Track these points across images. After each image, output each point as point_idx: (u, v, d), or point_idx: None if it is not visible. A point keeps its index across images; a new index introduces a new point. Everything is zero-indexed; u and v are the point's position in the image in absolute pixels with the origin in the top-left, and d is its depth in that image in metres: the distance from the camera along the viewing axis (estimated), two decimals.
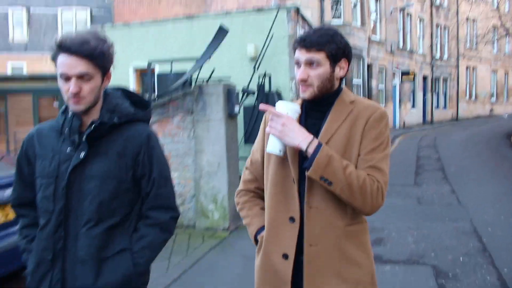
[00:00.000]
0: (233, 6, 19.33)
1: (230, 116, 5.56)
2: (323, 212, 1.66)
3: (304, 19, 10.04)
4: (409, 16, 24.58)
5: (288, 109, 1.63)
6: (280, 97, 8.75)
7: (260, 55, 8.89)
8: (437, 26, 27.76)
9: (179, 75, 6.87)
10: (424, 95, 26.56)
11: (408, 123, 23.83)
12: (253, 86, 8.63)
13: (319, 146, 1.60)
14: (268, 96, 8.67)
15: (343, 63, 1.72)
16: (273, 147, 1.64)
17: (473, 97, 32.18)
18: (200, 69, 6.45)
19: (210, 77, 6.19)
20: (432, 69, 27.08)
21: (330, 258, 1.66)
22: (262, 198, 1.90)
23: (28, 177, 1.73)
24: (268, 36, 8.81)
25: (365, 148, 1.66)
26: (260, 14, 9.36)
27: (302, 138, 1.60)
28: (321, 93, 1.71)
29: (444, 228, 5.52)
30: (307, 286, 1.67)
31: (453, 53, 29.38)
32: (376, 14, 21.37)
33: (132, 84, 10.44)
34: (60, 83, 1.57)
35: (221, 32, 6.57)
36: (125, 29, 10.76)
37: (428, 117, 26.83)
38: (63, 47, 1.52)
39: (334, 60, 1.69)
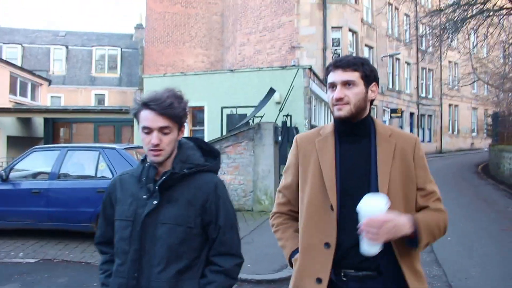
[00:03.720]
0: (249, 52, 23.16)
1: (276, 142, 9.18)
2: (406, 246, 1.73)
3: (315, 75, 13.78)
4: (397, 61, 28.57)
5: (380, 207, 1.62)
6: (297, 131, 12.31)
7: (283, 100, 12.54)
8: (422, 69, 31.73)
9: (241, 115, 10.50)
10: (411, 129, 30.24)
11: None
12: (278, 122, 12.25)
13: (416, 224, 1.66)
14: (289, 130, 12.25)
15: (374, 86, 1.83)
16: (375, 249, 1.66)
17: (456, 131, 35.96)
18: (255, 114, 10.12)
19: (261, 118, 9.82)
20: (418, 107, 30.92)
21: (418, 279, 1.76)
22: (296, 220, 1.94)
23: (110, 217, 1.86)
24: (290, 87, 12.49)
25: (424, 181, 1.80)
26: (284, 71, 13.09)
27: (408, 227, 1.65)
28: (357, 112, 1.78)
29: None
30: None
31: (437, 93, 33.31)
32: (369, 61, 25.26)
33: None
34: (142, 136, 1.72)
35: (271, 91, 10.25)
36: (182, 77, 14.44)
37: None
38: (148, 106, 1.68)
39: (367, 81, 1.79)
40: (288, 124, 12.52)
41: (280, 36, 21.89)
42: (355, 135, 1.83)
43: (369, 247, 1.64)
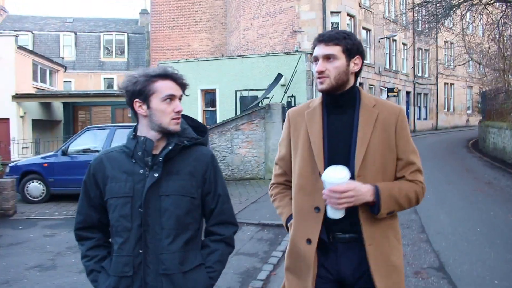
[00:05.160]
0: (253, 36, 24.41)
1: (283, 120, 10.64)
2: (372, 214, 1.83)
3: None
4: (394, 42, 29.79)
5: (342, 178, 1.74)
6: None
7: (288, 83, 13.96)
8: (418, 49, 32.95)
9: (253, 97, 11.96)
10: (408, 108, 31.64)
11: None
12: (284, 103, 13.68)
13: (377, 192, 1.77)
14: None
15: (357, 59, 1.89)
16: (339, 214, 1.79)
17: (451, 109, 37.36)
18: (265, 96, 11.57)
19: (270, 99, 11.26)
20: (414, 86, 32.27)
21: (384, 249, 1.84)
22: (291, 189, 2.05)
23: (95, 199, 1.82)
24: (293, 71, 13.89)
25: (403, 151, 1.88)
26: (288, 56, 14.47)
27: (369, 195, 1.76)
28: (337, 85, 1.86)
29: None
30: (376, 278, 1.81)
31: (433, 72, 34.63)
32: (367, 43, 26.53)
33: (199, 100, 15.46)
34: (163, 106, 1.74)
35: (279, 76, 11.67)
36: (195, 62, 15.83)
37: (411, 127, 31.85)
38: (170, 77, 1.78)
39: (349, 55, 1.86)
40: (293, 104, 13.94)
41: (282, 21, 23.08)
42: (340, 106, 1.92)
43: (333, 213, 1.79)
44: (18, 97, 17.45)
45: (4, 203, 7.62)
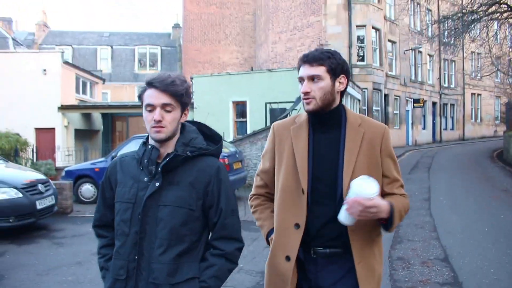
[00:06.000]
0: (281, 49, 25.37)
1: None
2: (362, 231, 1.89)
3: None
4: (420, 54, 30.21)
5: (372, 193, 1.73)
6: None
7: None
8: (444, 60, 33.18)
9: (281, 109, 12.85)
10: (434, 118, 31.91)
11: (419, 141, 29.19)
12: None
13: (392, 209, 1.81)
14: None
15: (342, 78, 1.91)
16: (350, 221, 1.80)
17: (479, 119, 37.27)
18: (294, 108, 12.44)
19: (298, 111, 12.11)
20: (440, 97, 32.51)
21: (371, 266, 1.90)
22: (273, 201, 2.07)
23: (109, 200, 1.87)
24: None
25: (388, 169, 1.94)
26: None
27: (385, 213, 1.79)
28: (323, 105, 1.87)
29: (411, 191, 11.18)
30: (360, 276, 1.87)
31: (459, 83, 34.77)
32: (392, 54, 27.10)
33: (231, 111, 16.44)
34: (145, 114, 1.74)
35: None
36: (227, 76, 16.84)
37: (438, 137, 32.13)
38: (152, 84, 1.72)
39: (334, 74, 1.88)
40: None
41: (309, 35, 23.99)
42: (326, 125, 1.93)
43: (346, 219, 1.79)
44: (63, 108, 18.82)
45: (63, 203, 8.69)
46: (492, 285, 4.61)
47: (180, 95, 1.74)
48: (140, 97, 1.77)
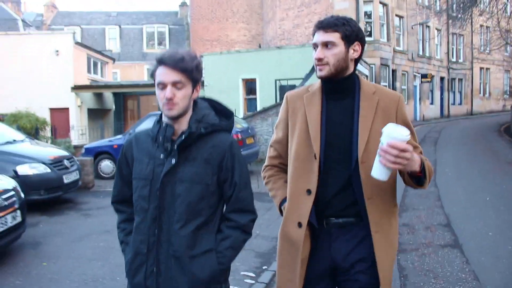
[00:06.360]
0: (289, 26, 25.45)
1: None
2: (379, 202, 1.87)
3: None
4: (428, 28, 30.09)
5: (404, 136, 1.63)
6: None
7: None
8: (453, 34, 32.93)
9: (291, 86, 13.15)
10: (442, 93, 31.91)
11: (427, 116, 29.31)
12: None
13: (423, 163, 1.77)
14: None
15: (356, 45, 1.87)
16: (384, 175, 1.71)
17: (487, 94, 37.13)
18: (303, 84, 12.72)
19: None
20: (448, 71, 32.45)
21: (389, 237, 1.91)
22: (286, 172, 2.06)
23: (126, 176, 1.93)
24: None
25: None
26: None
27: (417, 164, 1.73)
28: (336, 72, 1.85)
29: None
30: (379, 261, 1.86)
31: (468, 57, 34.61)
32: (400, 29, 27.07)
33: (240, 89, 16.75)
34: (157, 92, 1.76)
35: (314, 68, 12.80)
36: (236, 54, 17.11)
37: (445, 112, 32.19)
38: (162, 61, 1.74)
39: (348, 41, 1.84)
40: None
41: (317, 11, 23.98)
42: (340, 92, 1.92)
43: (380, 172, 1.70)
44: (76, 88, 19.23)
45: (85, 178, 9.15)
46: (490, 246, 5.01)
47: (190, 71, 1.76)
48: (152, 75, 1.79)
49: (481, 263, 4.49)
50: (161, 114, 1.86)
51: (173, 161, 1.78)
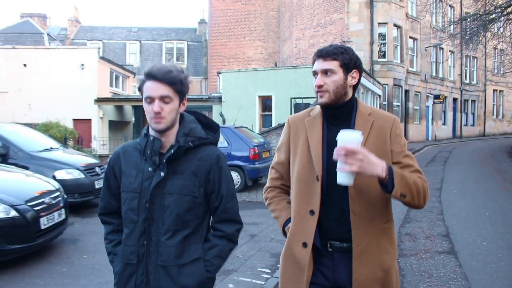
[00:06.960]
0: (304, 45, 26.21)
1: None
2: (366, 217, 1.88)
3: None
4: (441, 50, 30.61)
5: (354, 138, 1.71)
6: None
7: None
8: (466, 57, 33.41)
9: (306, 104, 13.84)
10: (454, 114, 32.30)
11: (439, 137, 29.71)
12: None
13: (390, 169, 1.77)
14: None
15: (354, 73, 1.95)
16: (347, 179, 1.74)
17: (500, 116, 37.38)
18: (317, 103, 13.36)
19: None
20: (461, 93, 32.86)
21: (372, 254, 1.89)
22: (288, 193, 2.14)
23: (114, 189, 1.96)
24: None
25: (398, 155, 1.92)
26: None
27: (380, 169, 1.74)
28: (336, 98, 1.92)
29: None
30: (355, 276, 1.87)
31: (481, 79, 34.99)
32: (414, 51, 27.65)
33: (257, 105, 17.45)
34: (145, 106, 1.79)
35: None
36: (254, 72, 17.86)
37: (458, 133, 32.53)
38: (151, 75, 1.76)
39: (346, 69, 1.92)
40: None
41: (332, 32, 24.76)
42: (339, 117, 1.97)
43: (341, 177, 1.74)
44: (99, 100, 20.13)
45: None
46: (482, 253, 5.54)
47: (177, 84, 1.79)
48: (140, 89, 1.82)
49: (472, 267, 5.04)
50: (148, 127, 1.91)
51: (162, 174, 1.83)
